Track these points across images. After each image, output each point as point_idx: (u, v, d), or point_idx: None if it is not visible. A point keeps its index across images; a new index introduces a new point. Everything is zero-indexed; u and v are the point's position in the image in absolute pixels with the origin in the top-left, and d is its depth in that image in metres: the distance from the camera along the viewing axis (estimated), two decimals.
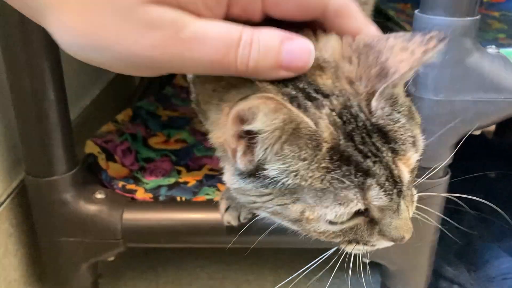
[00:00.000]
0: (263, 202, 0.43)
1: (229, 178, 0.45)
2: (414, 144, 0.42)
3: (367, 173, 0.39)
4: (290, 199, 0.41)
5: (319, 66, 0.41)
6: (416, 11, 0.62)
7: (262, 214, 0.46)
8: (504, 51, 0.66)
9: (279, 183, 0.41)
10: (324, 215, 0.41)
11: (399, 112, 0.42)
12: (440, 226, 0.73)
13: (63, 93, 0.69)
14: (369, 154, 0.40)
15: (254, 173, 0.42)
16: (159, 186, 0.85)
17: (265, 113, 0.37)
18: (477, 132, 0.68)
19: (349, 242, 0.46)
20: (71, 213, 0.71)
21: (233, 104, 0.37)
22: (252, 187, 0.43)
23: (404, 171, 0.42)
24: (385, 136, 0.41)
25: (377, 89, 0.40)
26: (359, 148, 0.39)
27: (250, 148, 0.41)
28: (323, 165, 0.39)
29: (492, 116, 0.65)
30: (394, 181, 0.41)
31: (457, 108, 0.63)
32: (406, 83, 0.44)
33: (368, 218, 0.43)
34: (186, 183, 0.87)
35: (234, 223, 0.71)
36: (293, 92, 0.40)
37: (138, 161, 0.93)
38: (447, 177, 0.70)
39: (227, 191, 0.74)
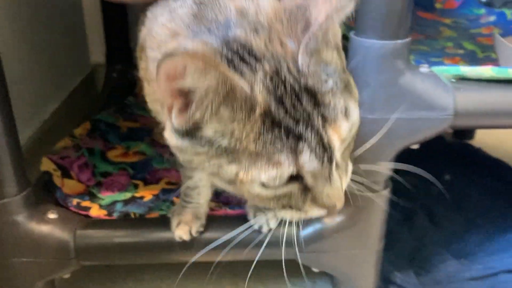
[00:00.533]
0: (199, 162, 0.44)
1: (168, 134, 0.45)
2: (345, 114, 0.44)
3: (299, 137, 0.41)
4: (226, 159, 0.42)
5: (254, 28, 0.42)
6: (351, 34, 0.65)
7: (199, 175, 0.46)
8: (436, 69, 0.69)
9: (215, 144, 0.42)
10: (258, 177, 0.42)
11: (328, 76, 0.43)
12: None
13: (9, 114, 0.68)
14: (300, 118, 0.41)
15: (191, 132, 0.43)
16: (114, 202, 0.86)
17: (193, 71, 0.37)
18: (415, 146, 0.71)
19: (283, 207, 0.47)
20: (23, 234, 0.72)
21: (161, 59, 0.38)
22: (188, 145, 0.43)
23: (334, 138, 0.43)
24: (314, 98, 0.42)
25: (299, 44, 0.41)
26: (290, 113, 0.41)
27: (186, 106, 0.41)
28: (256, 129, 0.41)
29: (426, 132, 0.68)
30: (324, 147, 0.42)
31: (392, 126, 0.66)
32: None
33: (302, 186, 0.45)
34: (142, 197, 0.89)
35: (186, 237, 0.73)
36: (229, 54, 0.41)
37: (95, 175, 0.94)
38: (387, 189, 0.73)
39: (178, 207, 0.76)
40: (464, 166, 1.25)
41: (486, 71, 0.67)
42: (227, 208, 0.81)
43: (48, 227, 0.74)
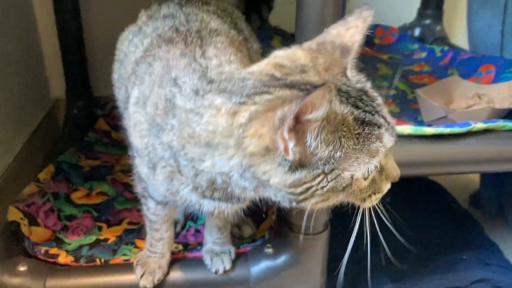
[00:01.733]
0: (317, 184, 0.51)
1: (281, 179, 0.51)
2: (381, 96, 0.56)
3: (379, 126, 0.52)
4: (340, 169, 0.51)
5: (303, 70, 0.53)
6: None
7: (309, 204, 0.54)
8: None
9: (331, 161, 0.50)
10: (370, 169, 0.52)
11: (364, 79, 0.56)
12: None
13: None
14: (373, 111, 0.52)
15: (306, 161, 0.50)
16: (81, 246, 0.93)
17: (325, 103, 0.46)
18: None
19: (372, 193, 0.56)
20: None
21: (295, 102, 0.46)
22: (306, 174, 0.50)
23: (390, 117, 0.55)
24: (367, 94, 0.53)
25: (346, 63, 0.54)
26: (365, 110, 0.51)
27: (300, 140, 0.48)
28: (354, 133, 0.50)
29: None
30: (390, 126, 0.54)
31: None
32: None
33: (378, 168, 0.54)
34: (106, 240, 0.96)
35: (150, 286, 0.81)
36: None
37: (61, 220, 1.01)
38: (327, 231, 0.83)
39: (143, 257, 0.83)
40: (401, 188, 1.36)
41: (405, 129, 0.78)
42: (185, 251, 0.90)
43: (18, 279, 0.80)
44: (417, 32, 1.47)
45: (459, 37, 1.53)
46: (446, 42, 1.42)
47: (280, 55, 0.55)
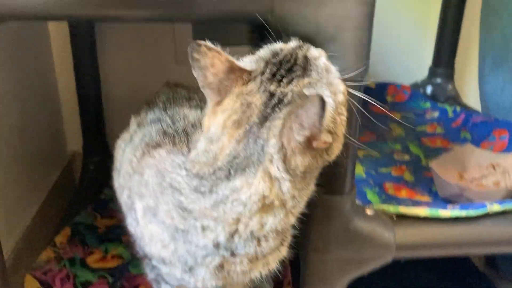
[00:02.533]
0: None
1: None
2: None
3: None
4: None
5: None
6: None
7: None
8: (379, 207, 0.80)
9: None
10: None
11: None
12: None
13: None
14: None
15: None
16: None
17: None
18: (365, 274, 0.81)
19: None
20: None
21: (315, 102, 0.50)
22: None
23: None
24: None
25: None
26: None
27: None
28: None
29: (372, 265, 0.78)
30: None
31: (342, 262, 0.77)
32: None
33: None
34: None
35: None
36: None
37: (76, 286, 1.01)
38: None
39: None
40: None
41: (421, 211, 0.79)
42: None
43: None
44: (429, 90, 1.49)
45: (471, 96, 1.55)
46: (458, 101, 1.44)
47: (223, 119, 0.57)
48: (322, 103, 0.49)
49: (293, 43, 0.60)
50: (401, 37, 1.56)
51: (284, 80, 0.56)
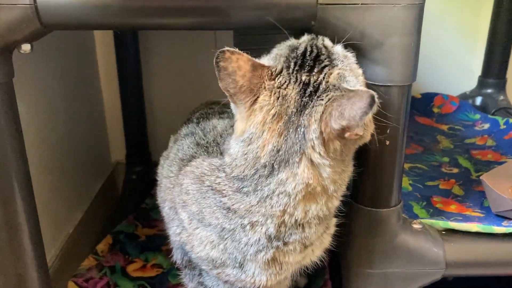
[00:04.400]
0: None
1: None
2: None
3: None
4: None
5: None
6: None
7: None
8: (427, 222, 0.77)
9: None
10: None
11: None
12: None
13: (38, 240, 0.72)
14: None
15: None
16: None
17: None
18: None
19: None
20: None
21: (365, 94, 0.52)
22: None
23: None
24: None
25: None
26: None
27: None
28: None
29: (420, 282, 0.74)
30: None
31: (388, 278, 0.73)
32: None
33: None
34: None
35: None
36: None
37: None
38: None
39: None
40: None
41: (473, 227, 0.74)
42: None
43: None
44: (478, 101, 1.43)
45: None
46: (510, 112, 1.37)
47: (262, 117, 0.58)
48: (372, 101, 0.50)
49: (305, 37, 0.62)
50: (449, 46, 1.51)
51: (315, 69, 0.57)
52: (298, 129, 0.55)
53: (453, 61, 1.53)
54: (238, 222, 0.59)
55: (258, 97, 0.57)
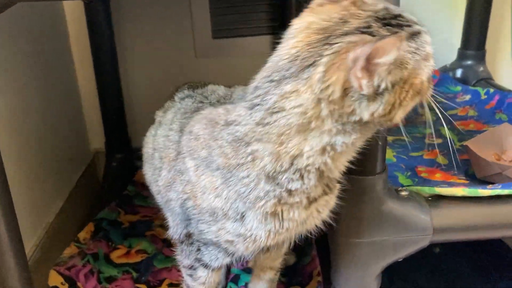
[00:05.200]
0: (399, 97, 0.54)
1: (370, 110, 0.54)
2: None
3: (420, 33, 0.56)
4: (411, 80, 0.54)
5: (344, 20, 0.55)
6: None
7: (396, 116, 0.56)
8: (413, 188, 0.76)
9: (402, 77, 0.53)
10: (428, 71, 0.56)
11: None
12: None
13: (14, 226, 0.69)
14: (409, 23, 0.56)
15: (379, 89, 0.53)
16: None
17: (396, 49, 0.51)
18: (401, 259, 0.77)
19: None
20: None
21: (368, 44, 0.50)
22: (387, 96, 0.53)
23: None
24: (394, 14, 0.56)
25: None
26: (407, 25, 0.55)
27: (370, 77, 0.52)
28: (412, 48, 0.54)
29: (408, 249, 0.74)
30: (421, 26, 0.57)
31: (376, 246, 0.72)
32: None
33: None
34: None
35: None
36: None
37: (100, 282, 0.99)
38: None
39: None
40: None
41: (459, 191, 0.74)
42: None
43: None
44: (458, 73, 1.42)
45: (505, 77, 1.48)
46: (491, 83, 1.37)
47: (311, 21, 0.56)
48: (394, 42, 0.50)
49: None
50: (428, 19, 1.49)
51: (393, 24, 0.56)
52: (324, 46, 0.54)
53: (432, 34, 1.51)
54: (243, 153, 0.59)
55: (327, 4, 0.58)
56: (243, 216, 0.62)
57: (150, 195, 1.32)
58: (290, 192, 0.60)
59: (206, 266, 0.74)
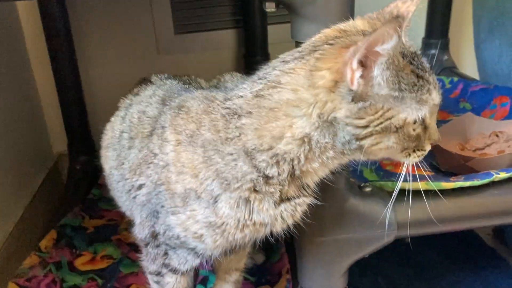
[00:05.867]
0: (377, 118, 0.55)
1: (346, 110, 0.55)
2: None
3: (428, 82, 0.57)
4: (396, 110, 0.55)
5: (364, 33, 0.57)
6: None
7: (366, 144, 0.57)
8: (377, 184, 0.75)
9: (389, 100, 0.54)
10: (417, 117, 0.56)
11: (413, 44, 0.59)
12: None
13: None
14: (424, 70, 0.57)
15: (366, 94, 0.54)
16: None
17: (393, 36, 0.50)
18: (367, 255, 0.76)
19: (414, 147, 0.60)
20: None
21: (368, 36, 0.51)
22: (367, 105, 0.55)
23: (434, 78, 0.59)
24: (418, 57, 0.57)
25: (401, 30, 0.56)
26: (418, 67, 0.56)
27: (366, 71, 0.53)
28: (411, 80, 0.55)
29: (374, 246, 0.73)
30: (436, 84, 0.58)
31: (341, 244, 0.71)
32: None
33: (423, 126, 0.58)
34: None
35: None
36: None
37: None
38: None
39: None
40: None
41: (422, 185, 0.73)
42: None
43: None
44: None
45: (468, 66, 1.49)
46: (455, 72, 1.37)
47: (342, 25, 0.59)
48: (390, 30, 0.50)
49: None
50: None
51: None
52: None
53: None
54: (234, 127, 0.59)
55: None
56: (216, 200, 0.61)
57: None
58: (266, 179, 0.59)
59: (174, 271, 0.72)
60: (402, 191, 0.74)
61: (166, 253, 0.70)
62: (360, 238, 0.72)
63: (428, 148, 0.63)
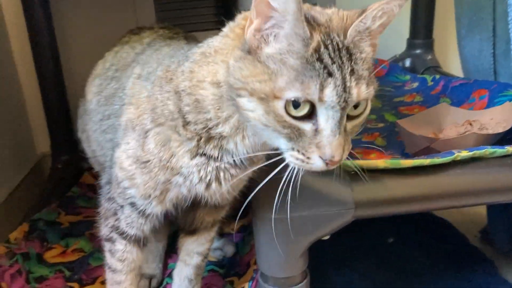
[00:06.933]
0: (254, 76, 0.53)
1: (235, 56, 0.56)
2: (367, 83, 0.55)
3: (330, 74, 0.51)
4: (274, 78, 0.52)
5: (321, 14, 0.56)
6: None
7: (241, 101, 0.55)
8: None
9: (271, 64, 0.53)
10: (289, 93, 0.52)
11: (363, 52, 0.55)
12: None
13: None
14: (337, 62, 0.52)
15: (255, 49, 0.54)
16: None
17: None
18: (327, 237, 0.73)
19: (291, 140, 0.55)
20: None
21: None
22: (251, 60, 0.54)
23: (354, 90, 0.53)
24: (350, 56, 0.53)
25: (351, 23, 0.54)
26: (331, 56, 0.52)
27: (260, 23, 0.53)
28: (305, 57, 0.52)
29: (331, 225, 0.70)
30: (345, 90, 0.52)
31: (299, 223, 0.69)
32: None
33: (314, 127, 0.53)
34: None
35: None
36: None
37: (29, 282, 0.94)
38: (306, 280, 0.75)
39: None
40: (410, 227, 1.26)
41: (381, 163, 0.71)
42: None
43: None
44: (407, 63, 1.42)
45: (453, 64, 1.47)
46: (438, 70, 1.36)
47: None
48: None
49: None
50: None
51: None
52: None
53: None
54: (181, 69, 0.63)
55: None
56: (147, 136, 0.64)
57: (94, 196, 1.29)
58: (185, 123, 0.62)
59: (123, 235, 0.72)
60: (361, 170, 0.73)
61: (115, 213, 0.72)
62: (316, 216, 0.69)
63: (314, 159, 0.55)
